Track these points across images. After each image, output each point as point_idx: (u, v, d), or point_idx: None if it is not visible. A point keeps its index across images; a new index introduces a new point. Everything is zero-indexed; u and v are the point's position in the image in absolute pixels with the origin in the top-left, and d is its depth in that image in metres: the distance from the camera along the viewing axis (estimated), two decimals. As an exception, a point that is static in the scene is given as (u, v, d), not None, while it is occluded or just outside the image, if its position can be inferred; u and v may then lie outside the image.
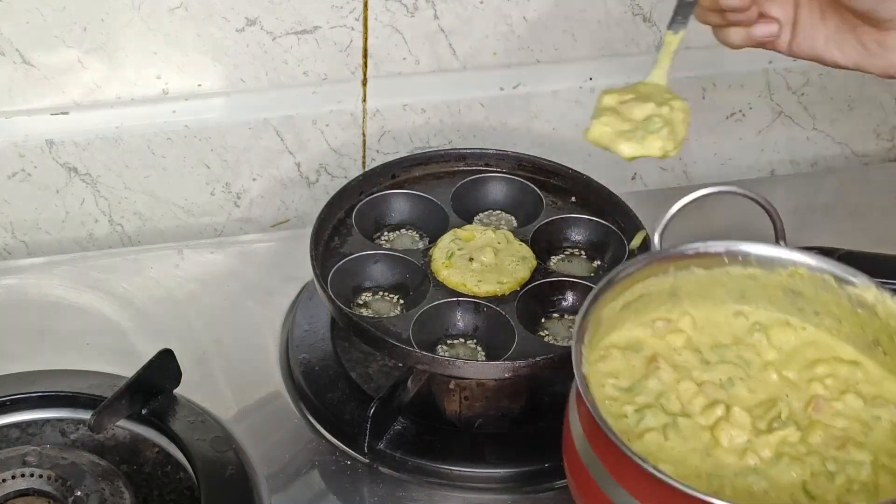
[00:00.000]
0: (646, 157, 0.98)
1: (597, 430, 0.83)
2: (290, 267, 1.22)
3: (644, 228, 1.11)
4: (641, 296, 0.96)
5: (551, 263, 1.12)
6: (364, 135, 1.31)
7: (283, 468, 1.04)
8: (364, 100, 1.29)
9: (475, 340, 1.06)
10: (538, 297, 1.08)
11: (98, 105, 1.23)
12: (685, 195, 1.00)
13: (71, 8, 1.17)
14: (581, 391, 0.84)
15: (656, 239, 0.98)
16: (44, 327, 1.16)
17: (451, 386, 1.06)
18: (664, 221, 0.99)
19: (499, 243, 1.10)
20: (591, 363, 0.91)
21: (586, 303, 0.90)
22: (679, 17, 0.99)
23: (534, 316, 1.07)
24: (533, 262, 1.10)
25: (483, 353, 1.05)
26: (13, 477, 0.96)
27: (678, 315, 0.98)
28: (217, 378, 1.11)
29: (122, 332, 1.15)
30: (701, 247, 0.99)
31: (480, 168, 1.19)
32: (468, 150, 1.20)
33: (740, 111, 1.40)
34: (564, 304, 1.09)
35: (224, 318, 1.17)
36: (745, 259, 1.00)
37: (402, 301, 1.08)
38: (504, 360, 1.01)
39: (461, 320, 1.06)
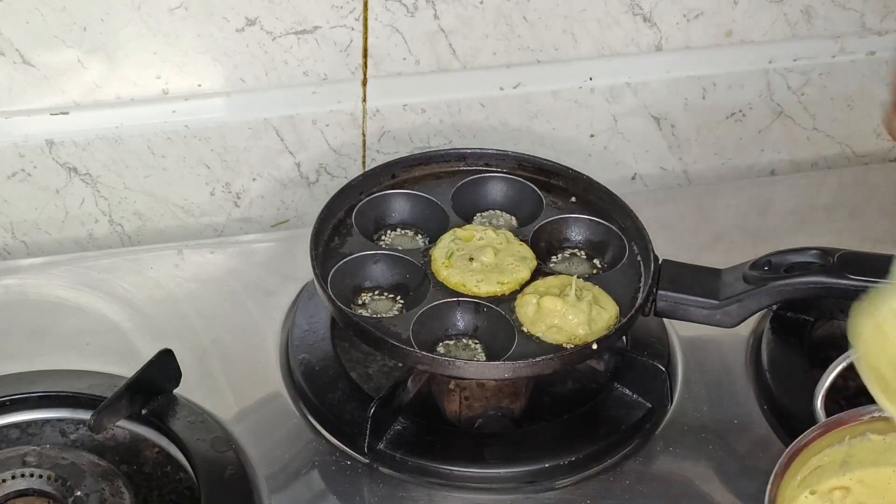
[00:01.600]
0: None
1: None
2: (290, 267, 1.22)
3: (645, 230, 1.11)
4: (816, 468, 0.93)
5: (551, 263, 1.12)
6: (364, 135, 1.31)
7: (283, 468, 1.04)
8: (364, 100, 1.29)
9: (475, 340, 1.06)
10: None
11: (98, 105, 1.23)
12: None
13: (71, 8, 1.17)
14: None
15: (819, 405, 0.95)
16: (44, 327, 1.16)
17: (451, 386, 1.06)
18: (823, 389, 0.96)
19: (499, 243, 1.10)
20: None
21: (770, 485, 0.87)
22: None
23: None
24: (533, 262, 1.10)
25: (483, 353, 1.05)
26: (13, 477, 0.96)
27: (851, 482, 0.94)
28: (217, 378, 1.11)
29: (122, 332, 1.15)
30: (877, 411, 0.94)
31: (480, 168, 1.19)
32: (468, 150, 1.20)
33: (740, 111, 1.40)
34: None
35: (224, 318, 1.17)
36: None
37: (402, 301, 1.08)
38: (504, 361, 1.01)
39: (461, 320, 1.06)
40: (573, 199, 1.17)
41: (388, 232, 1.15)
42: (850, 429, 0.94)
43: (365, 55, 1.27)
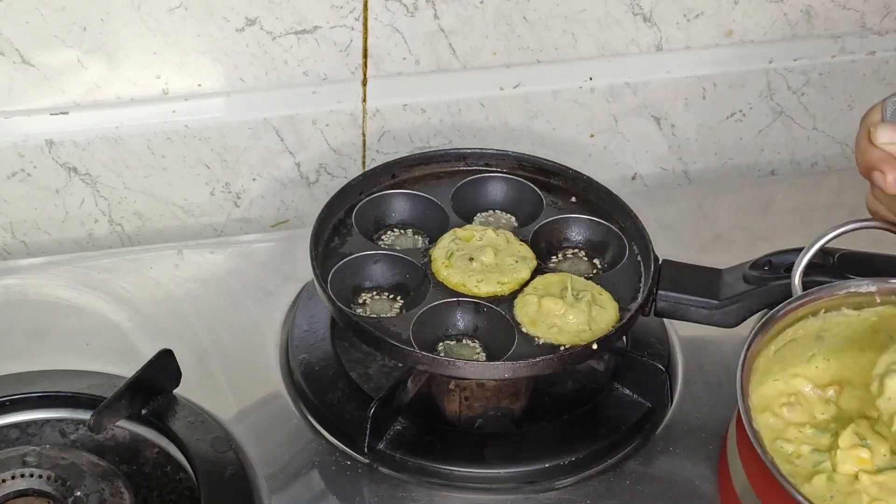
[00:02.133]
0: None
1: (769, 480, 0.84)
2: (290, 267, 1.22)
3: (645, 230, 1.11)
4: (790, 340, 0.95)
5: (551, 263, 1.12)
6: (364, 135, 1.31)
7: (283, 468, 1.04)
8: (364, 100, 1.29)
9: (475, 340, 1.06)
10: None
11: (98, 105, 1.23)
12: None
13: (71, 8, 1.17)
14: (759, 451, 0.85)
15: (797, 280, 0.96)
16: (43, 327, 1.16)
17: (451, 386, 1.06)
18: (802, 265, 0.98)
19: (499, 243, 1.10)
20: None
21: (745, 351, 0.89)
22: None
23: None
24: (533, 262, 1.10)
25: (483, 354, 1.05)
26: (13, 477, 0.96)
27: (823, 368, 0.97)
28: (217, 378, 1.11)
29: (122, 332, 1.15)
30: (853, 286, 0.96)
31: (480, 168, 1.19)
32: (468, 150, 1.20)
33: (740, 111, 1.40)
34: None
35: (224, 318, 1.17)
36: None
37: (402, 301, 1.08)
38: (504, 361, 1.01)
39: (461, 320, 1.06)
40: (573, 199, 1.17)
41: (388, 232, 1.15)
42: (826, 302, 0.95)
43: (365, 55, 1.27)
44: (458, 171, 1.19)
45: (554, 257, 1.13)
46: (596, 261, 1.13)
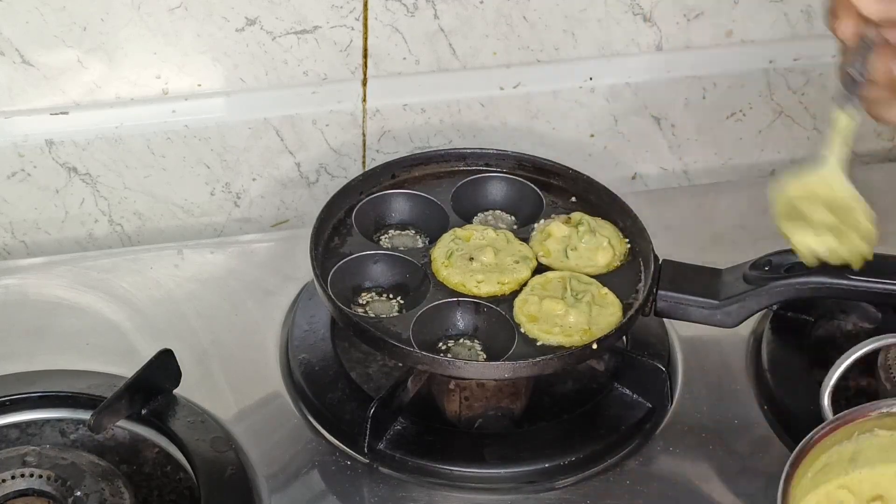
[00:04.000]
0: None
1: None
2: (290, 267, 1.22)
3: (645, 230, 1.11)
4: (824, 466, 0.94)
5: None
6: (364, 135, 1.31)
7: (283, 468, 1.04)
8: (364, 100, 1.29)
9: (475, 340, 1.06)
10: (538, 297, 1.08)
11: (98, 105, 1.23)
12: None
13: (71, 8, 1.17)
14: None
15: (826, 402, 0.97)
16: (43, 327, 1.15)
17: (451, 386, 1.06)
18: (830, 386, 0.99)
19: (499, 243, 1.10)
20: None
21: (782, 483, 0.88)
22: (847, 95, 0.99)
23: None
24: (533, 262, 1.10)
25: (483, 354, 1.05)
26: (13, 477, 0.96)
27: (858, 481, 0.95)
28: (217, 378, 1.11)
29: (122, 332, 1.15)
30: (885, 407, 0.95)
31: (480, 168, 1.19)
32: (468, 150, 1.20)
33: (740, 111, 1.40)
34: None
35: (224, 317, 1.17)
36: None
37: (402, 301, 1.08)
38: (504, 361, 1.01)
39: (461, 320, 1.06)
40: (573, 199, 1.17)
41: (388, 232, 1.15)
42: (859, 425, 0.94)
43: (365, 55, 1.27)
44: (458, 171, 1.19)
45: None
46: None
